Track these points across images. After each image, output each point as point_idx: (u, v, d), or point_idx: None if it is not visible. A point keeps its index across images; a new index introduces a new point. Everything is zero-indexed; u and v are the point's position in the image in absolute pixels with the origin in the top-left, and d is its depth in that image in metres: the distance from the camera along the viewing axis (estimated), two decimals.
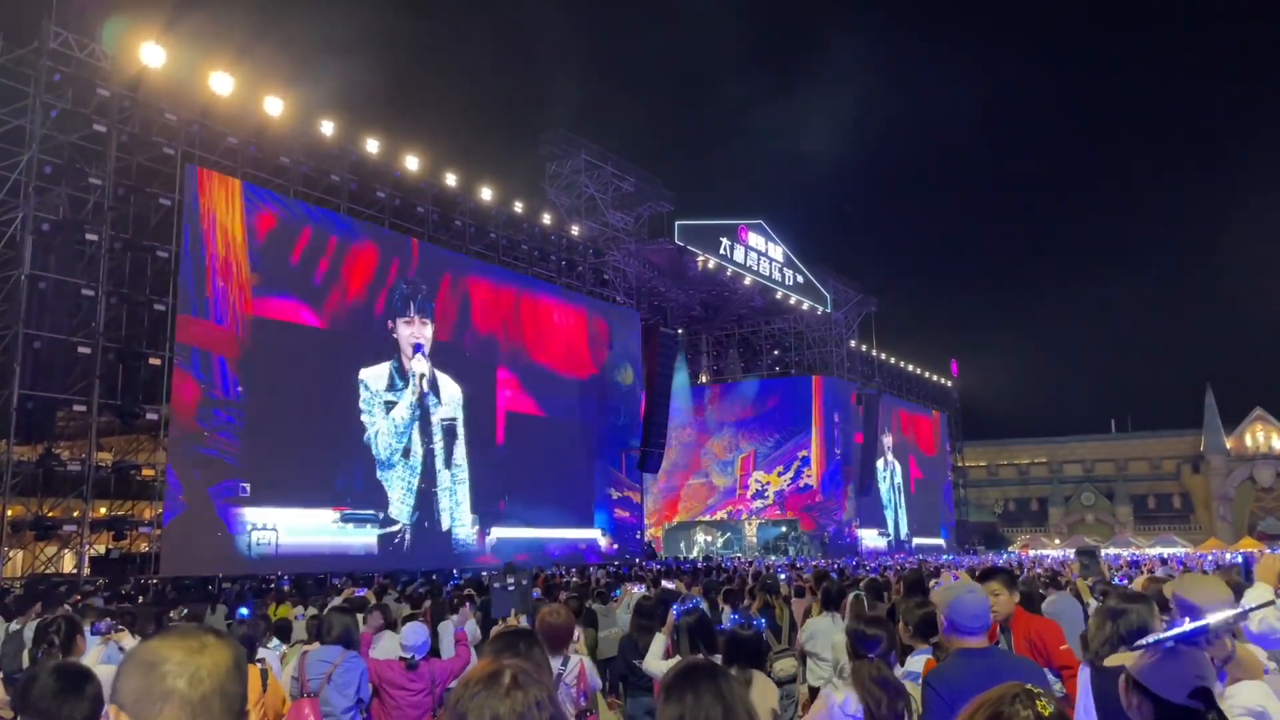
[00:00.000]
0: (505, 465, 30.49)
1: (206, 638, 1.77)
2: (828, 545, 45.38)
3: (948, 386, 68.02)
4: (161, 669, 1.69)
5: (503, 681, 1.94)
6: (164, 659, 1.71)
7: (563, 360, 34.04)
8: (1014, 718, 1.96)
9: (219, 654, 1.75)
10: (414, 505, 27.14)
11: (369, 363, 26.39)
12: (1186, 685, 2.56)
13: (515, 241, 33.86)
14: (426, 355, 27.97)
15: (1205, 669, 2.61)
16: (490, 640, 3.53)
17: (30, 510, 20.83)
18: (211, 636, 1.78)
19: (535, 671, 2.05)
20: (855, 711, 4.02)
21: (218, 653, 1.75)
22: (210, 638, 1.78)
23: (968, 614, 3.84)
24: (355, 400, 25.83)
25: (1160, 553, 43.41)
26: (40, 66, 20.83)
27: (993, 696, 2.04)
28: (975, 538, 68.72)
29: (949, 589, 4.01)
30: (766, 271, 45.64)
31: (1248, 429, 74.00)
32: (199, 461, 21.71)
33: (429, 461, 28.01)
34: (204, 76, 23.49)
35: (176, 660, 1.71)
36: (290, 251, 24.66)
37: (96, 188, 21.40)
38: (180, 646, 1.73)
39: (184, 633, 1.79)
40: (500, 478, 30.16)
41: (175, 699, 1.68)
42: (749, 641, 5.14)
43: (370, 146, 27.91)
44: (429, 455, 28.01)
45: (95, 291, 21.08)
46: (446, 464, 28.56)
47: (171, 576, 20.83)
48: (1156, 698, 2.59)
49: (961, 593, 3.90)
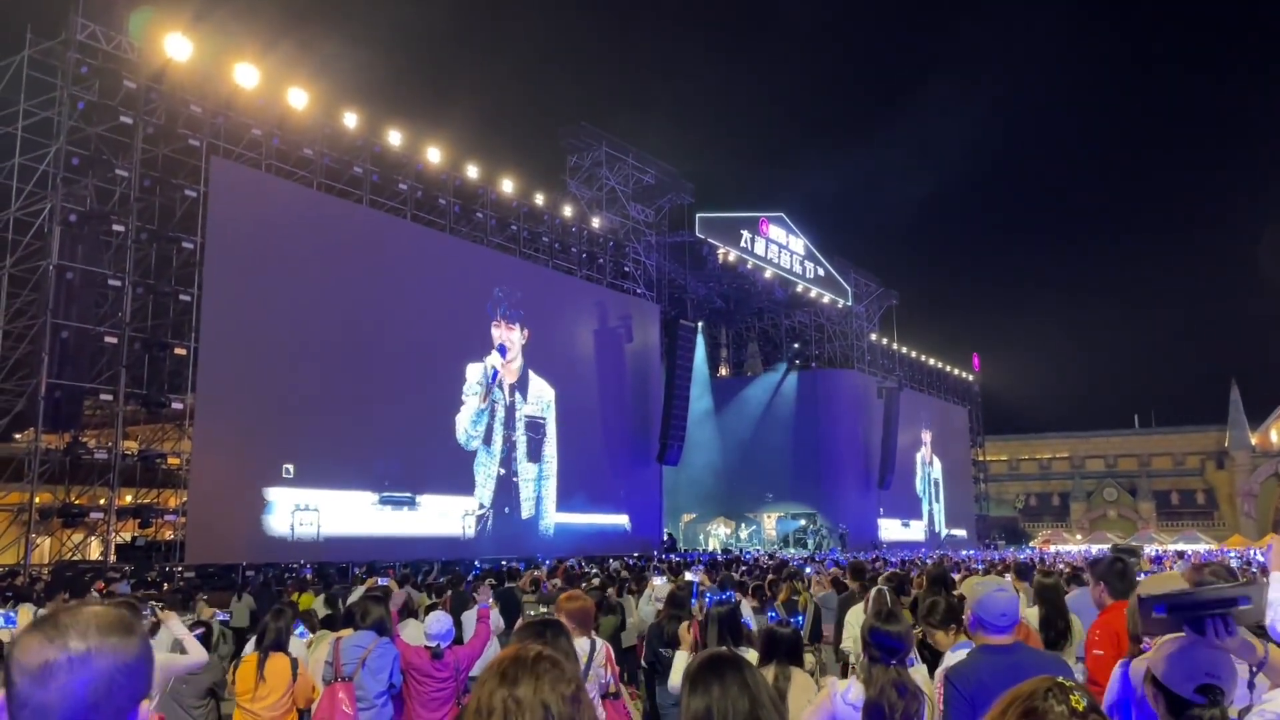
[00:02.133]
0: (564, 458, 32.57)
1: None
2: (847, 538, 45.29)
3: (969, 380, 67.70)
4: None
5: (537, 665, 1.90)
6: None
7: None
8: (1048, 713, 1.89)
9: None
10: (494, 491, 29.62)
11: (473, 358, 29.49)
12: (1194, 679, 2.58)
13: (536, 234, 33.95)
14: (507, 356, 30.60)
15: (1218, 666, 2.60)
16: (516, 631, 3.57)
17: (58, 498, 21.11)
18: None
19: (563, 656, 2.00)
20: (856, 700, 4.03)
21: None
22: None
23: (995, 611, 3.84)
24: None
25: (1184, 549, 43.07)
26: (67, 59, 21.04)
27: (1025, 691, 1.97)
28: (996, 532, 68.44)
29: (979, 584, 4.01)
30: (787, 264, 45.51)
31: (1273, 424, 73.17)
32: (230, 445, 21.95)
33: (509, 452, 30.45)
34: (229, 69, 23.67)
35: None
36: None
37: (123, 179, 21.61)
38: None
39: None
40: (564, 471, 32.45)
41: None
42: (787, 639, 5.10)
43: (393, 138, 28.04)
44: (510, 446, 30.51)
45: (122, 282, 21.30)
46: (533, 458, 31.35)
47: (197, 564, 21.05)
48: (1168, 690, 2.61)
49: (991, 590, 3.90)
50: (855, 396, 50.26)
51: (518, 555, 26.82)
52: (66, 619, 1.57)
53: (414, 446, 26.52)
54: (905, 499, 55.11)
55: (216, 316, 21.95)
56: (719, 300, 47.30)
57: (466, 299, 29.31)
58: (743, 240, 42.28)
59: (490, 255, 31.36)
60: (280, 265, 23.42)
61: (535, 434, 31.61)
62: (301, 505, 23.34)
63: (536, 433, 31.67)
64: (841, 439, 49.04)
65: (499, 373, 30.15)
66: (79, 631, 1.54)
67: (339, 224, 25.59)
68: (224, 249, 22.30)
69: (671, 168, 39.41)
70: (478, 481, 29.07)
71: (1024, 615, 5.85)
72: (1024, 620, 5.36)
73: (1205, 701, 2.53)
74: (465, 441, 28.76)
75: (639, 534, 35.18)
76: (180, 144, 22.70)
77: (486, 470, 29.38)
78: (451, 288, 28.71)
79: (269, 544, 22.64)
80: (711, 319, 49.45)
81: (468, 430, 28.87)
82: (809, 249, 47.28)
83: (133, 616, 1.68)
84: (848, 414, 49.52)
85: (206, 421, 21.58)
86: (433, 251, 28.84)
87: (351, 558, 23.72)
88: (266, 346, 22.86)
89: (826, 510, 48.22)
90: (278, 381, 22.83)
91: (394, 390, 25.79)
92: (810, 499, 48.61)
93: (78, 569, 19.04)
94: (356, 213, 26.75)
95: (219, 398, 21.78)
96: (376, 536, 25.13)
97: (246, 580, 19.61)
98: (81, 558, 21.78)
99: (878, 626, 4.14)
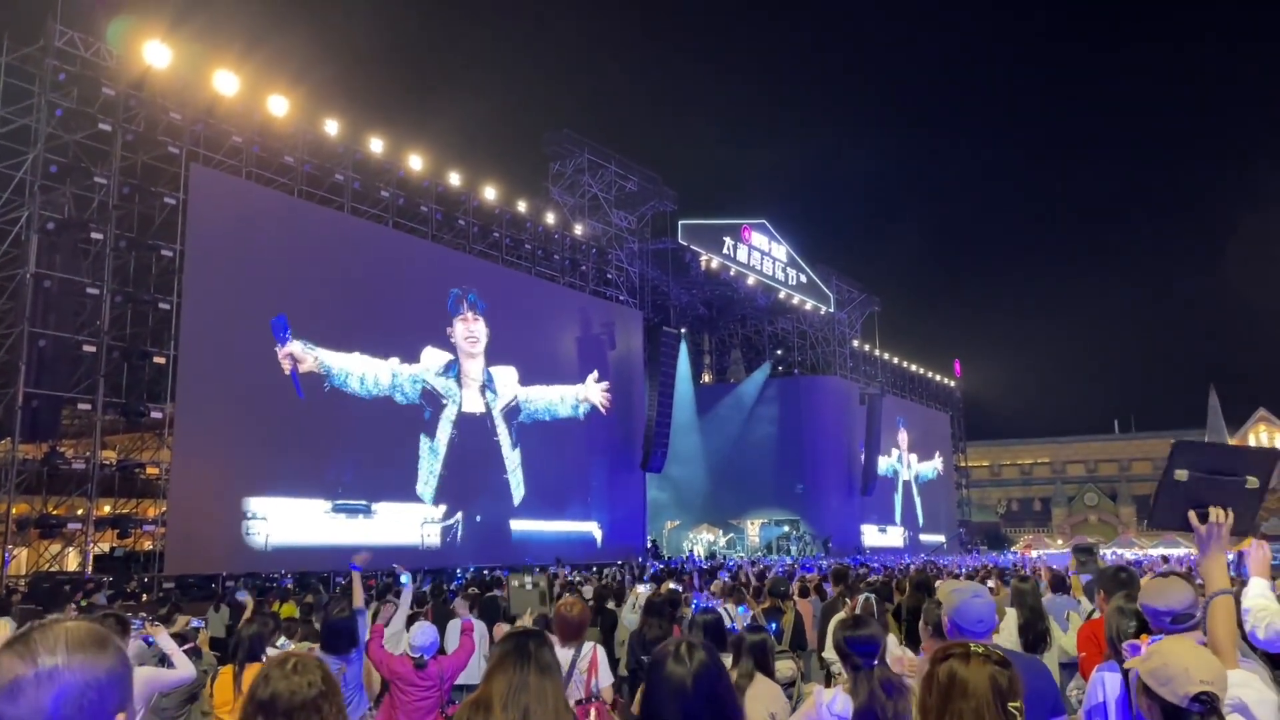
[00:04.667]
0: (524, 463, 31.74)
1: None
2: (830, 544, 45.36)
3: (950, 386, 68.04)
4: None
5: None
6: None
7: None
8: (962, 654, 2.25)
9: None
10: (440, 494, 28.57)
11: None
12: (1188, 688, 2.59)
13: (518, 241, 33.90)
14: (469, 349, 29.98)
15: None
16: (499, 641, 3.55)
17: (35, 508, 20.88)
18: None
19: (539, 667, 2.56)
20: (842, 711, 4.04)
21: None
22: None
23: (972, 618, 3.87)
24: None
25: (1164, 553, 43.34)
26: (46, 66, 20.88)
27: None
28: (978, 538, 68.72)
29: (955, 591, 4.03)
30: (770, 271, 45.62)
31: (1251, 429, 73.86)
32: (210, 455, 21.76)
33: (481, 456, 30.01)
34: (208, 76, 23.56)
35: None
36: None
37: (101, 186, 21.43)
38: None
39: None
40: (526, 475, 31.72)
41: None
42: (751, 643, 5.24)
43: (374, 146, 27.97)
44: (479, 450, 29.94)
45: (100, 290, 21.12)
46: (504, 463, 30.97)
47: (176, 575, 20.86)
48: (1163, 700, 2.61)
49: (967, 596, 3.92)
50: (838, 403, 50.39)
51: (498, 563, 26.63)
52: (38, 636, 1.60)
53: (370, 453, 26.00)
54: (886, 505, 55.32)
55: (196, 325, 21.81)
56: (702, 307, 47.37)
57: (443, 304, 29.20)
58: (725, 247, 42.36)
59: (471, 262, 31.28)
60: (260, 273, 23.30)
61: (509, 438, 31.08)
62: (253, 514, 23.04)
63: (511, 437, 31.18)
64: (824, 445, 49.16)
65: (459, 365, 29.40)
66: (48, 648, 1.57)
67: (320, 231, 25.50)
68: (204, 257, 22.17)
69: (654, 174, 39.50)
70: (427, 485, 28.08)
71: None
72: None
73: (1202, 710, 2.53)
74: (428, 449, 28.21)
75: (622, 541, 35.09)
76: (160, 151, 22.54)
77: (430, 469, 28.30)
78: (431, 293, 28.59)
79: (249, 554, 22.46)
80: (694, 326, 49.50)
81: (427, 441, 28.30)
82: (791, 256, 47.43)
83: (108, 631, 1.71)
84: (830, 420, 49.65)
85: (186, 431, 21.42)
86: (412, 258, 28.71)
87: (314, 567, 23.43)
88: (246, 355, 22.72)
89: (809, 516, 48.31)
90: (254, 395, 22.71)
91: (358, 402, 25.67)
92: (793, 505, 48.70)
93: (55, 580, 18.82)
94: (337, 220, 26.65)
95: (198, 407, 21.63)
96: (333, 545, 24.29)
97: (226, 590, 19.46)
98: (59, 569, 21.54)
99: (849, 635, 4.20)
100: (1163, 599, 4.09)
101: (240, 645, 6.38)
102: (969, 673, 2.16)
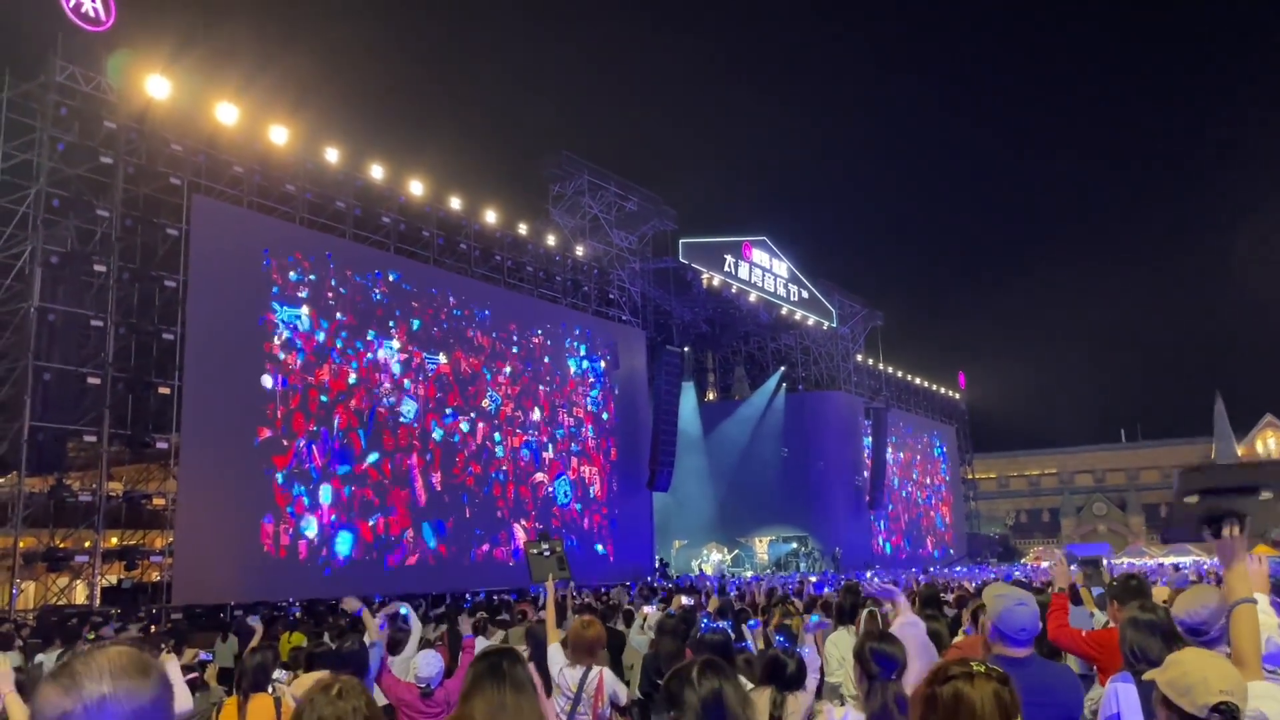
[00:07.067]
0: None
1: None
2: (839, 560, 45.15)
3: (955, 399, 67.90)
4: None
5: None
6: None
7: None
8: (958, 675, 2.22)
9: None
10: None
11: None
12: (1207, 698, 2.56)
13: (520, 263, 33.99)
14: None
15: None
16: (473, 661, 3.56)
17: (42, 542, 20.85)
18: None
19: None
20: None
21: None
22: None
23: (1015, 626, 3.90)
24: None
25: (1176, 561, 43.10)
26: (47, 101, 21.01)
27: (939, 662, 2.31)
28: (987, 550, 68.36)
29: (999, 596, 4.02)
30: (771, 288, 45.67)
31: (1258, 436, 73.65)
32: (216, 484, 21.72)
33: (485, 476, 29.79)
34: (209, 107, 23.71)
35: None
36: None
37: (104, 219, 21.51)
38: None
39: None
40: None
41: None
42: (788, 667, 5.12)
43: (375, 172, 28.09)
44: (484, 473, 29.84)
45: (104, 322, 21.18)
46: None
47: (184, 605, 20.79)
48: (1182, 710, 2.59)
49: (1011, 604, 3.92)
50: (843, 418, 50.32)
51: (506, 586, 26.53)
52: (80, 666, 1.59)
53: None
54: (893, 518, 55.11)
55: (200, 355, 21.85)
56: (704, 325, 47.39)
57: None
58: (726, 265, 42.42)
59: (474, 285, 31.33)
60: (263, 302, 23.35)
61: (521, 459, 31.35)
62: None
63: (527, 458, 31.43)
64: (830, 460, 49.03)
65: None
66: (93, 678, 1.56)
67: (322, 259, 25.58)
68: (207, 287, 22.24)
69: (654, 194, 39.63)
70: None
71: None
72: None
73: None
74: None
75: (631, 561, 34.96)
76: (161, 183, 22.65)
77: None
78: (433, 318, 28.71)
79: (257, 583, 22.38)
80: (697, 344, 49.51)
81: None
82: (792, 272, 47.48)
83: (149, 656, 1.70)
84: (836, 435, 49.56)
85: (192, 460, 21.41)
86: (415, 283, 28.78)
87: (323, 594, 23.29)
88: (250, 383, 22.73)
89: (818, 532, 48.12)
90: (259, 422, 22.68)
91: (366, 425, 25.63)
92: (801, 521, 48.50)
93: (64, 613, 18.78)
94: (340, 247, 26.72)
95: (204, 436, 21.63)
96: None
97: (234, 620, 19.37)
98: (67, 601, 21.49)
99: (875, 646, 4.17)
100: (1183, 608, 4.08)
101: (244, 675, 6.36)
102: (975, 692, 2.14)
